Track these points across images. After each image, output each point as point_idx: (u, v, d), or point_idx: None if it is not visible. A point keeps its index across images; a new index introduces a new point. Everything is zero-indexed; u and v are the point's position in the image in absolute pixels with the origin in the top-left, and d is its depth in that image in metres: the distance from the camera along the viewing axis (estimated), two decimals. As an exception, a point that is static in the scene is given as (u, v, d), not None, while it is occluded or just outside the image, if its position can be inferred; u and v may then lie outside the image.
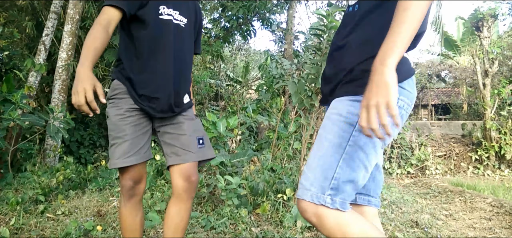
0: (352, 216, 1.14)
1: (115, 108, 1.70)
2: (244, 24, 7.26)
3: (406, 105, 1.21)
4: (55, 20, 5.14)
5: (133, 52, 1.71)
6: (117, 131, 1.67)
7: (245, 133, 5.18)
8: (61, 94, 4.98)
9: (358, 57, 1.18)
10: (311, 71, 2.88)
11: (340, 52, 1.26)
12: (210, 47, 6.66)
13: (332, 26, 2.73)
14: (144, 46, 1.70)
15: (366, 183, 1.34)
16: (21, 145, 4.13)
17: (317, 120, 3.26)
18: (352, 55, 1.20)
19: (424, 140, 7.64)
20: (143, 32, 1.69)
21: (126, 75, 1.70)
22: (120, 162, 1.63)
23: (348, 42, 1.23)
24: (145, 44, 1.70)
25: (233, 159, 3.54)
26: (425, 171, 7.22)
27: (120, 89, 1.70)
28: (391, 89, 0.96)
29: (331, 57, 1.32)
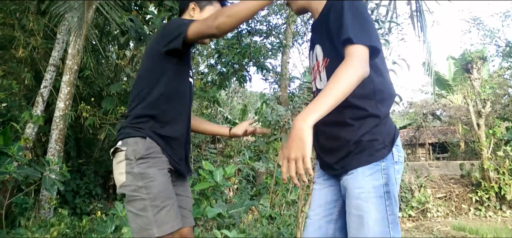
0: None
1: (157, 169, 1.58)
2: (239, 70, 7.39)
3: (401, 158, 1.36)
4: (54, 73, 5.21)
5: (164, 108, 1.64)
6: (167, 192, 1.56)
7: (242, 182, 5.14)
8: (58, 143, 4.96)
9: (363, 130, 1.31)
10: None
11: (338, 128, 1.37)
12: (206, 93, 6.73)
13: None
14: (175, 102, 1.67)
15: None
16: (16, 199, 4.07)
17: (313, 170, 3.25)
18: (354, 130, 1.32)
19: (423, 181, 7.60)
20: (177, 87, 1.68)
21: (159, 133, 1.62)
22: (176, 225, 1.52)
23: (345, 119, 1.34)
24: (176, 100, 1.67)
25: (231, 210, 3.49)
26: (427, 213, 7.13)
27: (154, 148, 1.59)
28: (307, 145, 1.09)
29: (328, 132, 1.41)
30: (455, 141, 13.27)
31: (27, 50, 5.63)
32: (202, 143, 8.23)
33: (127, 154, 1.56)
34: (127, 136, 1.60)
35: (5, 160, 3.76)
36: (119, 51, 6.49)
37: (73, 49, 5.12)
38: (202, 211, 3.52)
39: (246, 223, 3.74)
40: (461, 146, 12.72)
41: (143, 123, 1.62)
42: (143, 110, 1.64)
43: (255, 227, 3.58)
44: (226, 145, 8.20)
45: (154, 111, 1.63)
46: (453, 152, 12.78)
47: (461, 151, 12.37)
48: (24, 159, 3.98)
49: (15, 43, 5.63)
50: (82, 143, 6.75)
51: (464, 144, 12.64)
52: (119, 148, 1.60)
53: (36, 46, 5.74)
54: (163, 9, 6.18)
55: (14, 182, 3.97)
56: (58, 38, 5.28)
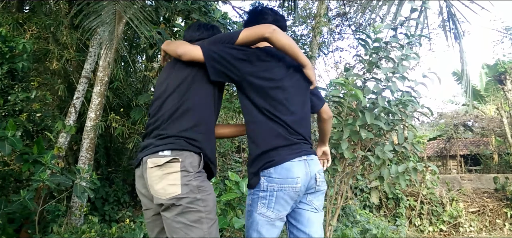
0: None
1: (210, 184, 1.67)
2: (265, 81, 7.38)
3: (277, 186, 1.69)
4: (86, 84, 5.39)
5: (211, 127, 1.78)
6: (216, 207, 1.65)
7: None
8: (89, 152, 5.10)
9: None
10: (332, 136, 2.88)
11: (306, 122, 1.88)
12: (232, 104, 6.76)
13: (351, 95, 2.76)
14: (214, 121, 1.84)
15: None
16: (48, 206, 4.19)
17: (340, 183, 3.19)
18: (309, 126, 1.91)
19: (455, 195, 7.33)
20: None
21: (206, 150, 1.71)
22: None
23: (306, 115, 1.91)
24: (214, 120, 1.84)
25: (258, 221, 3.46)
26: (459, 228, 6.86)
27: (204, 164, 1.68)
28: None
29: (304, 122, 1.88)
30: (488, 153, 12.76)
31: (61, 62, 5.85)
32: (228, 153, 8.26)
33: (185, 166, 1.58)
34: (181, 148, 1.62)
35: (39, 168, 3.90)
36: (147, 63, 6.65)
37: (104, 61, 5.29)
38: (228, 222, 3.52)
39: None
40: (494, 159, 12.21)
41: (196, 139, 1.67)
42: (196, 120, 1.71)
43: (281, 238, 3.54)
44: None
45: (206, 127, 1.74)
46: (486, 164, 12.28)
47: (495, 164, 11.87)
48: (57, 167, 4.11)
49: (50, 56, 5.86)
50: (111, 152, 6.92)
51: (498, 156, 12.13)
52: (174, 158, 1.59)
53: (69, 59, 5.96)
54: (190, 22, 6.30)
55: (47, 189, 4.11)
56: (90, 51, 5.47)
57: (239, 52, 1.75)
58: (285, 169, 1.70)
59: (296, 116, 1.81)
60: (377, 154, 2.85)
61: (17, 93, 4.92)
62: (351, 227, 4.01)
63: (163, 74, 1.87)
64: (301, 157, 1.76)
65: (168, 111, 1.71)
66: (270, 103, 1.76)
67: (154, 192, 1.60)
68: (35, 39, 6.07)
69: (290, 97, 1.81)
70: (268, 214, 1.71)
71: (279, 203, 1.71)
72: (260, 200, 1.72)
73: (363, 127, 2.79)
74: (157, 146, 1.63)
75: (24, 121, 5.02)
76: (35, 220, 3.84)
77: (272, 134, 1.75)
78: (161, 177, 1.58)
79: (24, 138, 4.77)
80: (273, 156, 1.72)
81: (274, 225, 1.73)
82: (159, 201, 1.58)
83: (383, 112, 2.90)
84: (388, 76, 2.86)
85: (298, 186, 1.72)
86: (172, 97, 1.72)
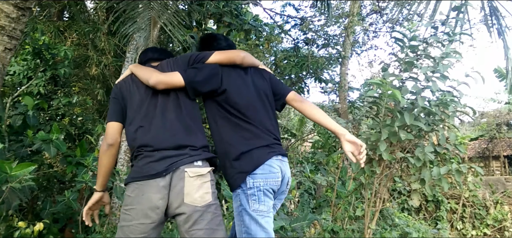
0: None
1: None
2: (297, 82, 7.36)
3: (263, 182, 1.81)
4: (123, 88, 5.56)
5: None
6: None
7: (304, 195, 5.06)
8: (127, 154, 5.25)
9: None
10: (370, 137, 2.81)
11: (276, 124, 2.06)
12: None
13: (389, 95, 2.68)
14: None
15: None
16: (90, 206, 4.35)
17: (379, 186, 3.11)
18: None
19: (499, 197, 6.97)
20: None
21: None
22: None
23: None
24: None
25: (294, 223, 3.45)
26: (504, 232, 6.51)
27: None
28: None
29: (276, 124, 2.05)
30: (535, 154, 12.05)
31: (99, 68, 6.07)
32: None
33: (212, 176, 1.80)
34: (209, 158, 1.85)
35: (82, 170, 4.06)
36: (181, 66, 6.77)
37: (140, 65, 5.44)
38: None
39: (309, 237, 3.67)
40: (542, 159, 11.52)
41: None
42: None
43: (318, 241, 3.50)
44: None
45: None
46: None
47: (543, 165, 11.19)
48: (98, 169, 4.26)
49: (89, 62, 6.10)
50: (147, 154, 7.10)
51: (546, 157, 11.43)
52: (209, 169, 1.81)
53: (107, 64, 6.17)
54: (222, 25, 6.37)
55: (89, 190, 4.27)
56: (127, 56, 5.63)
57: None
58: (267, 165, 1.84)
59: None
60: (417, 155, 2.75)
61: (59, 98, 5.16)
62: (390, 230, 3.90)
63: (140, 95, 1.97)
64: (278, 156, 1.91)
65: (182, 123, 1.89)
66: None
67: (190, 200, 1.70)
68: (75, 46, 6.34)
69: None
70: (261, 209, 1.81)
71: (267, 196, 1.83)
72: (250, 197, 1.81)
73: (402, 128, 2.71)
74: (192, 156, 1.77)
75: (67, 125, 5.24)
76: (78, 220, 4.00)
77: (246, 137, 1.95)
78: (200, 186, 1.73)
79: (67, 141, 4.98)
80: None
81: (269, 216, 1.84)
82: (191, 208, 1.70)
83: (422, 112, 2.80)
84: (428, 75, 2.75)
85: (278, 180, 1.87)
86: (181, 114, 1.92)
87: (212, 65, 1.97)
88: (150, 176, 1.73)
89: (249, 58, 2.07)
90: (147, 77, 1.89)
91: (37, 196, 4.35)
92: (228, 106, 1.94)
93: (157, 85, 1.85)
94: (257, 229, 1.78)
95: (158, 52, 2.19)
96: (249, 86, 2.03)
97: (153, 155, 1.78)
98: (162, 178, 1.71)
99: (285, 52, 7.60)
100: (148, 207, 1.70)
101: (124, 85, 2.00)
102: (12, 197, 2.95)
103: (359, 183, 4.94)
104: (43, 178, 4.40)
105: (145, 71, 1.93)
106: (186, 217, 1.69)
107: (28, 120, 4.45)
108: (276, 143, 1.95)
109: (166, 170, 1.72)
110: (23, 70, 4.96)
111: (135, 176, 1.77)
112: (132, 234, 1.72)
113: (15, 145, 4.24)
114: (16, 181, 2.96)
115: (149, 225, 1.72)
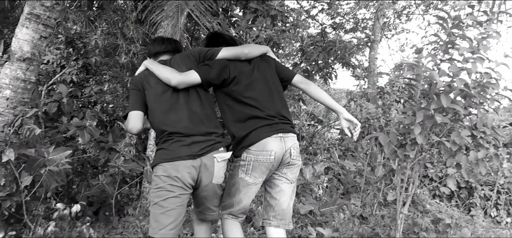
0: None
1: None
2: (324, 67, 7.25)
3: (253, 157, 2.15)
4: (152, 75, 5.64)
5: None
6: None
7: (332, 180, 5.02)
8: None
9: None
10: (403, 121, 2.73)
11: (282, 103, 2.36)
12: (291, 92, 6.72)
13: (425, 77, 2.59)
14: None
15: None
16: (122, 190, 4.48)
17: (412, 170, 3.02)
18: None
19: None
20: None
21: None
22: None
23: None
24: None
25: (323, 208, 3.43)
26: (541, 221, 6.25)
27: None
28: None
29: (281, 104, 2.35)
30: None
31: (128, 56, 6.18)
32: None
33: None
34: (224, 145, 2.20)
35: (114, 155, 4.18)
36: (207, 53, 6.80)
37: (168, 53, 5.49)
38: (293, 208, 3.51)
39: (338, 222, 3.64)
40: None
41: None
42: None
43: (347, 226, 3.47)
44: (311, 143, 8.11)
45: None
46: None
47: None
48: (129, 155, 4.37)
49: (118, 50, 6.21)
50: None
51: None
52: (230, 154, 2.24)
53: (136, 52, 6.27)
54: (248, 11, 6.33)
55: (121, 174, 4.39)
56: (155, 43, 5.71)
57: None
58: (262, 143, 2.13)
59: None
60: (453, 139, 2.66)
61: (91, 85, 5.30)
62: (422, 216, 3.82)
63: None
64: (278, 134, 2.17)
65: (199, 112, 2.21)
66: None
67: (216, 180, 2.15)
68: (105, 35, 6.47)
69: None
70: (246, 179, 2.18)
71: (255, 170, 2.15)
72: (241, 167, 2.20)
73: (438, 111, 2.62)
74: (219, 143, 2.15)
75: (99, 111, 5.38)
76: (111, 203, 4.13)
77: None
78: (223, 168, 2.18)
79: (99, 127, 5.12)
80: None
81: (250, 188, 2.20)
82: (215, 186, 2.17)
83: (460, 95, 2.69)
84: (467, 56, 2.64)
85: (271, 157, 2.13)
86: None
87: (221, 60, 2.27)
88: (183, 158, 2.03)
89: (254, 52, 2.36)
90: (168, 78, 2.15)
91: (72, 180, 4.51)
92: (234, 93, 2.25)
93: (179, 85, 2.15)
94: (238, 183, 2.22)
95: (165, 43, 2.41)
96: (252, 73, 2.31)
97: (185, 140, 2.07)
98: (194, 160, 2.04)
99: (312, 37, 7.50)
100: (182, 182, 2.03)
101: (143, 77, 2.25)
102: (50, 180, 3.07)
103: (389, 169, 4.85)
104: (77, 163, 4.55)
105: (164, 70, 2.18)
106: (209, 191, 2.16)
107: (63, 107, 4.60)
108: (280, 122, 2.22)
109: (197, 154, 2.05)
110: (56, 59, 5.12)
111: (167, 158, 2.05)
112: (170, 205, 2.02)
113: (50, 132, 4.40)
114: (53, 164, 3.07)
115: (182, 196, 2.05)
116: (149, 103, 2.19)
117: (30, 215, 3.07)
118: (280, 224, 2.24)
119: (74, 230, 3.22)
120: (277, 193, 2.25)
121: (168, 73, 2.16)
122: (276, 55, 6.23)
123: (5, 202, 2.89)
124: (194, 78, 2.17)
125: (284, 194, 2.25)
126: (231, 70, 2.26)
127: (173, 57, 2.32)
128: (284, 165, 2.21)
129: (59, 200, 3.87)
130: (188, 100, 2.17)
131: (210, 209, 2.27)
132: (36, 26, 3.00)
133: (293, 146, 2.21)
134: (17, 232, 2.96)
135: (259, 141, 2.13)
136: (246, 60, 2.34)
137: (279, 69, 2.44)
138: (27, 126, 2.98)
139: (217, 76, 2.22)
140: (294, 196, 2.35)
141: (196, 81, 2.18)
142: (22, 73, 3.00)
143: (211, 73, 2.21)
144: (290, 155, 2.20)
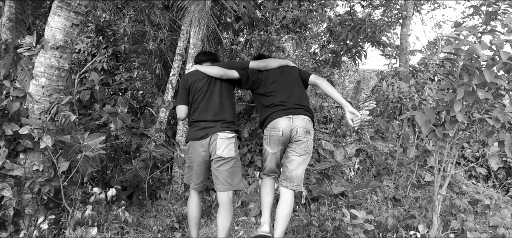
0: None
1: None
2: (353, 47, 7.05)
3: (268, 133, 2.98)
4: (180, 61, 5.66)
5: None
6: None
7: (365, 161, 4.92)
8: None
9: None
10: (443, 98, 2.59)
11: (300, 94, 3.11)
12: (320, 73, 6.59)
13: (466, 50, 2.44)
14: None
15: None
16: (154, 175, 4.56)
17: (451, 150, 2.89)
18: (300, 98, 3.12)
19: None
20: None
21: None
22: None
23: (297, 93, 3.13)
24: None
25: (356, 190, 3.36)
26: None
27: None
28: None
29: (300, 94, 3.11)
30: None
31: (156, 42, 6.23)
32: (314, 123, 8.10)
33: (235, 140, 2.94)
34: (234, 130, 2.97)
35: (146, 140, 4.25)
36: (234, 37, 6.76)
37: (194, 38, 5.48)
38: (324, 189, 3.46)
39: (371, 204, 3.56)
40: None
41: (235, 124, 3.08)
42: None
43: (381, 209, 3.39)
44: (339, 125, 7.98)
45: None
46: None
47: None
48: (160, 140, 4.42)
49: (146, 37, 6.27)
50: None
51: None
52: (233, 135, 2.97)
53: (163, 39, 6.31)
54: (273, -6, 6.22)
55: (153, 159, 4.47)
56: (182, 29, 5.70)
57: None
58: (274, 122, 2.92)
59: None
60: (496, 116, 2.51)
61: (121, 73, 5.38)
62: (460, 197, 3.68)
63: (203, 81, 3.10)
64: (288, 116, 2.89)
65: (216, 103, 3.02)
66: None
67: (220, 153, 2.83)
68: (133, 22, 6.54)
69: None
70: (268, 149, 2.99)
71: (271, 143, 2.94)
72: (264, 140, 3.04)
73: (480, 86, 2.48)
74: (223, 126, 2.90)
75: (129, 98, 5.47)
76: (144, 187, 4.21)
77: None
78: (227, 145, 2.86)
79: (130, 113, 5.22)
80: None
81: (271, 156, 2.97)
82: (220, 157, 2.84)
83: (503, 69, 2.53)
84: (511, 27, 2.47)
85: (280, 133, 2.88)
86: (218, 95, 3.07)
87: (252, 69, 3.18)
88: (197, 139, 2.90)
89: (272, 64, 3.25)
90: (217, 72, 3.04)
91: (106, 165, 4.63)
92: (261, 90, 3.13)
93: (223, 76, 3.05)
94: (265, 152, 3.03)
95: (206, 55, 3.32)
96: (280, 77, 3.13)
97: (199, 125, 2.93)
98: (204, 140, 2.87)
99: (340, 16, 7.29)
100: (198, 155, 2.91)
101: (190, 77, 3.09)
102: (85, 165, 3.15)
103: (423, 149, 4.69)
104: (110, 148, 4.66)
105: (212, 69, 3.05)
106: (216, 160, 2.85)
107: (95, 94, 4.70)
108: (292, 107, 2.93)
109: (206, 135, 2.87)
110: (87, 48, 5.22)
111: (190, 138, 2.99)
112: (195, 167, 2.96)
113: (84, 118, 4.51)
114: (88, 150, 3.15)
115: (201, 164, 2.93)
116: (190, 98, 3.06)
117: (68, 199, 3.17)
118: (289, 185, 2.89)
119: (111, 213, 3.30)
120: (288, 162, 2.93)
121: (216, 69, 3.04)
122: (303, 36, 6.15)
123: (44, 187, 2.99)
124: (233, 74, 3.08)
125: (293, 163, 2.90)
126: (259, 76, 3.17)
127: (213, 64, 3.18)
128: (293, 141, 2.90)
129: (94, 185, 3.99)
130: (211, 99, 2.99)
131: (220, 181, 2.85)
132: (68, 14, 3.04)
133: (300, 126, 2.87)
134: (56, 216, 3.07)
135: (272, 121, 2.92)
136: (277, 68, 3.21)
137: (301, 73, 3.24)
138: (62, 113, 3.05)
139: (246, 78, 3.12)
140: (304, 165, 2.94)
141: (234, 76, 3.09)
142: (56, 61, 3.06)
143: (244, 75, 3.11)
144: (297, 133, 2.87)
